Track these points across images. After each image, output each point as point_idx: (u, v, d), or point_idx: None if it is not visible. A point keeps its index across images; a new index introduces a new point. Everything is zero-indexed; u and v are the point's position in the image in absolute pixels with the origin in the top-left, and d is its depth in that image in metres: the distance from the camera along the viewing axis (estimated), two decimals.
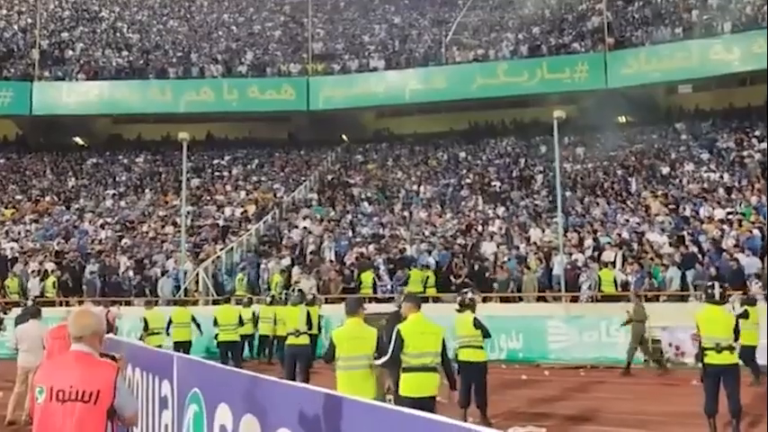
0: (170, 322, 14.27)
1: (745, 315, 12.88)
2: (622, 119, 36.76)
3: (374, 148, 37.09)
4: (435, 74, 34.44)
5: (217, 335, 14.08)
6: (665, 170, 27.18)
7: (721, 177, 25.25)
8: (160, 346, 12.09)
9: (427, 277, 19.03)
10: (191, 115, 36.28)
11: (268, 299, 17.32)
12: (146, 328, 14.53)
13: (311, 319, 11.00)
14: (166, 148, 37.92)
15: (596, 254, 19.26)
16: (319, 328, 15.34)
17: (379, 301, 18.85)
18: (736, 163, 26.32)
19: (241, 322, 13.69)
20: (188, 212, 28.04)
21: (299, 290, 11.22)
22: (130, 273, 21.99)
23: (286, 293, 15.75)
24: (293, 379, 10.71)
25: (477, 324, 9.27)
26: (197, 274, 21.02)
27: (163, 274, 21.45)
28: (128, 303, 20.69)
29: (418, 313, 7.23)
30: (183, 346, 13.52)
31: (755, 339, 13.06)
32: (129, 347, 7.47)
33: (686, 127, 32.87)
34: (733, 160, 26.93)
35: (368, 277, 19.88)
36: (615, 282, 17.48)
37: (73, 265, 22.80)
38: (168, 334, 14.26)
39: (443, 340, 7.11)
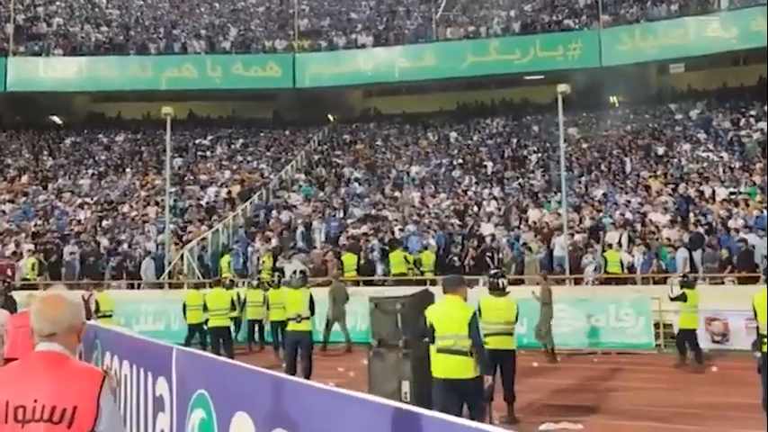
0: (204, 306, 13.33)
1: (683, 298, 12.59)
2: (613, 99, 36.22)
3: (362, 127, 36.19)
4: (425, 51, 33.50)
5: (206, 320, 13.16)
6: (662, 150, 26.52)
7: (720, 157, 24.65)
8: None
9: (416, 260, 18.31)
10: (173, 93, 35.18)
11: (254, 282, 16.46)
12: (97, 310, 13.80)
13: (313, 303, 10.18)
14: (147, 126, 36.86)
15: (600, 234, 18.53)
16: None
17: (373, 284, 18.06)
18: (735, 143, 25.70)
19: (233, 306, 12.83)
20: (171, 193, 27.07)
21: (302, 272, 10.37)
22: (111, 255, 20.98)
23: (279, 276, 14.92)
24: (294, 367, 9.92)
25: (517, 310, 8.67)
26: (182, 257, 20.08)
27: (146, 256, 20.47)
28: (108, 286, 19.79)
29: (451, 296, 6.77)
30: (220, 333, 12.75)
31: (695, 323, 12.82)
32: (113, 335, 6.61)
33: (680, 107, 32.26)
34: (731, 140, 26.32)
35: (350, 260, 19.08)
36: (621, 263, 16.78)
37: (51, 247, 21.79)
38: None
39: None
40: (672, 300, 12.84)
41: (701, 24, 30.20)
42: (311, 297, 10.21)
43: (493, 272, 9.03)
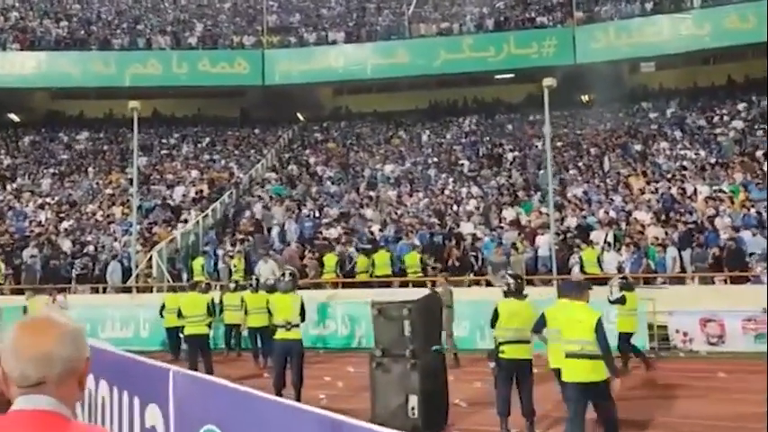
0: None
1: (622, 301, 12.02)
2: (585, 97, 36.02)
3: (333, 126, 35.44)
4: (398, 48, 32.83)
5: (181, 327, 12.25)
6: (639, 148, 26.22)
7: (697, 155, 24.40)
8: None
9: (402, 261, 17.65)
10: (136, 90, 34.07)
11: (231, 285, 15.62)
12: None
13: (303, 309, 9.39)
14: (110, 125, 35.82)
15: (585, 234, 18.02)
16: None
17: (354, 285, 17.34)
18: (711, 141, 25.51)
19: (209, 311, 11.96)
20: (137, 192, 26.06)
21: (291, 274, 9.53)
22: (74, 257, 19.92)
23: (256, 279, 14.11)
24: (283, 378, 9.12)
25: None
26: (150, 259, 19.11)
27: (112, 259, 19.45)
28: (73, 290, 18.82)
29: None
30: (198, 341, 11.81)
31: (633, 326, 12.22)
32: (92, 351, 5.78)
33: (653, 105, 32.11)
34: (707, 138, 26.13)
35: (330, 260, 18.32)
36: (599, 262, 16.28)
37: (9, 249, 20.66)
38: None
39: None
40: (611, 303, 12.31)
41: (675, 22, 30.00)
42: (302, 302, 9.43)
43: (510, 273, 8.26)
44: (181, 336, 12.94)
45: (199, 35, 34.93)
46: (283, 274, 9.66)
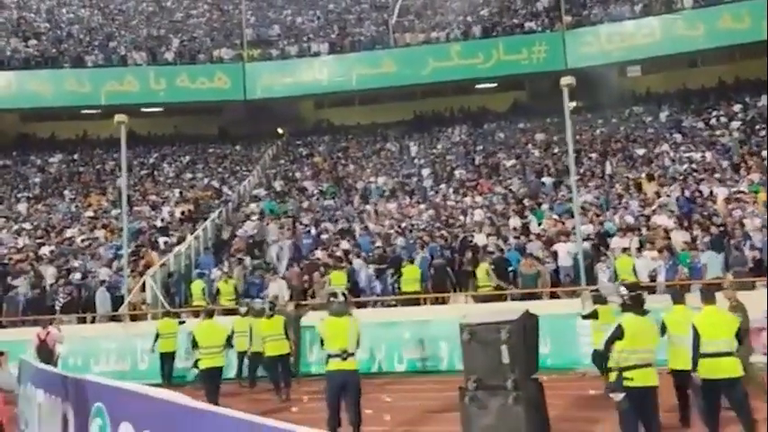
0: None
1: (594, 315, 11.19)
2: (572, 104, 35.38)
3: (317, 140, 34.32)
4: (384, 58, 31.86)
5: (197, 360, 10.96)
6: (642, 152, 25.47)
7: (703, 157, 23.69)
8: None
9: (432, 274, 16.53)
10: (109, 110, 32.72)
11: (243, 309, 14.35)
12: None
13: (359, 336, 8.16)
14: (84, 146, 34.39)
15: (608, 240, 17.05)
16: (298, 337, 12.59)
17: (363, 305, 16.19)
18: (717, 142, 24.85)
19: (228, 343, 10.74)
20: (118, 215, 24.66)
21: (343, 294, 8.28)
22: (60, 285, 18.41)
23: (271, 303, 12.86)
24: (338, 415, 7.83)
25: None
26: (143, 284, 17.71)
27: (100, 286, 18.00)
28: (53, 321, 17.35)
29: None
30: (215, 375, 10.68)
31: None
32: (126, 398, 4.64)
33: (645, 109, 31.51)
34: (710, 140, 25.48)
35: (340, 278, 17.09)
36: (634, 270, 15.30)
37: None
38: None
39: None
40: (583, 318, 11.36)
41: (667, 23, 29.45)
42: (358, 326, 8.22)
43: (624, 283, 7.13)
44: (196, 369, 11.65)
45: (175, 50, 33.66)
46: (334, 294, 8.42)
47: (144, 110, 33.37)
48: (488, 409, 5.86)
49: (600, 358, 7.31)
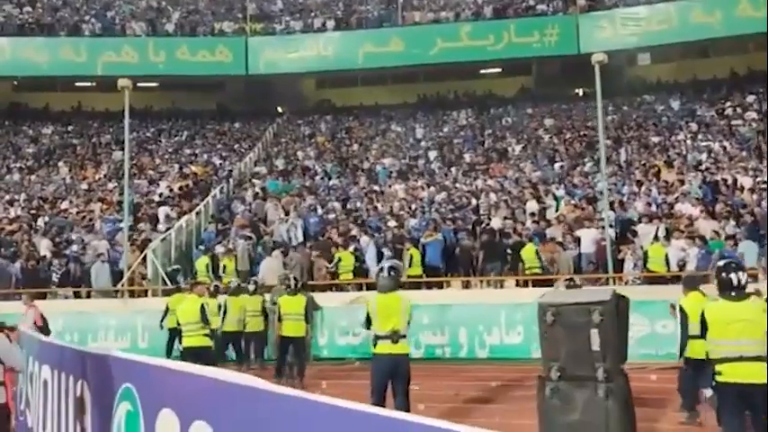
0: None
1: None
2: (580, 91, 34.73)
3: (318, 119, 33.42)
4: (392, 36, 30.95)
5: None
6: (656, 139, 24.79)
7: (722, 146, 23.01)
8: None
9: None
10: (104, 83, 31.88)
11: (251, 286, 13.50)
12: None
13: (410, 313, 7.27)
14: (78, 118, 33.33)
15: (632, 227, 16.32)
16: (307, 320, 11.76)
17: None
18: (736, 132, 24.19)
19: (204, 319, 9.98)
20: (116, 188, 23.80)
21: (391, 268, 7.32)
22: (57, 257, 17.50)
23: (295, 280, 12.00)
24: (384, 404, 6.99)
25: None
26: (144, 258, 16.83)
27: (96, 260, 17.09)
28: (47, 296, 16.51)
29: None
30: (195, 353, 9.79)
31: None
32: (162, 375, 3.84)
33: (656, 98, 30.81)
34: (726, 129, 24.82)
35: (347, 259, 16.30)
36: (667, 259, 14.58)
37: None
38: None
39: None
40: None
41: (683, 9, 28.68)
42: (410, 305, 7.31)
43: (724, 263, 6.02)
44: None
45: (176, 22, 32.63)
46: (382, 269, 7.56)
47: (141, 84, 32.42)
48: (573, 404, 5.03)
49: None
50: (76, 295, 17.08)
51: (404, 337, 7.24)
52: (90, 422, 4.79)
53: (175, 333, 13.14)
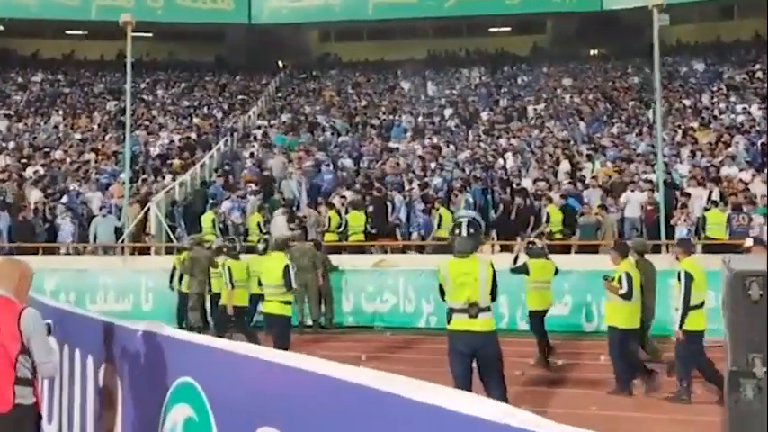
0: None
1: (524, 270, 9.62)
2: (594, 51, 33.40)
3: (323, 74, 31.82)
4: None
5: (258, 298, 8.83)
6: (688, 102, 23.46)
7: (761, 108, 21.68)
8: None
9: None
10: (96, 32, 30.23)
11: (261, 246, 12.04)
12: None
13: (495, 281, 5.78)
14: (69, 67, 31.65)
15: (682, 192, 15.01)
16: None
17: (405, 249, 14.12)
18: None
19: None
20: (113, 138, 22.30)
21: (471, 223, 5.65)
22: (45, 210, 16.01)
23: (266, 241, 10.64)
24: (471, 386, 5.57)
25: None
26: (146, 213, 15.38)
27: (95, 214, 15.66)
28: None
29: None
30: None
31: (542, 302, 9.71)
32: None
33: (677, 60, 29.44)
34: (759, 92, 23.48)
35: (356, 219, 14.93)
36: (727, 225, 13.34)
37: None
38: None
39: None
40: (511, 271, 9.58)
41: None
42: (494, 270, 5.91)
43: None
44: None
45: None
46: (459, 225, 5.94)
47: (136, 33, 30.71)
48: None
49: None
50: (75, 251, 15.65)
51: (486, 310, 5.84)
52: (121, 424, 3.42)
53: (185, 298, 11.84)
